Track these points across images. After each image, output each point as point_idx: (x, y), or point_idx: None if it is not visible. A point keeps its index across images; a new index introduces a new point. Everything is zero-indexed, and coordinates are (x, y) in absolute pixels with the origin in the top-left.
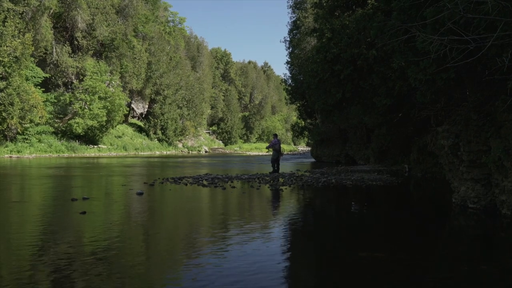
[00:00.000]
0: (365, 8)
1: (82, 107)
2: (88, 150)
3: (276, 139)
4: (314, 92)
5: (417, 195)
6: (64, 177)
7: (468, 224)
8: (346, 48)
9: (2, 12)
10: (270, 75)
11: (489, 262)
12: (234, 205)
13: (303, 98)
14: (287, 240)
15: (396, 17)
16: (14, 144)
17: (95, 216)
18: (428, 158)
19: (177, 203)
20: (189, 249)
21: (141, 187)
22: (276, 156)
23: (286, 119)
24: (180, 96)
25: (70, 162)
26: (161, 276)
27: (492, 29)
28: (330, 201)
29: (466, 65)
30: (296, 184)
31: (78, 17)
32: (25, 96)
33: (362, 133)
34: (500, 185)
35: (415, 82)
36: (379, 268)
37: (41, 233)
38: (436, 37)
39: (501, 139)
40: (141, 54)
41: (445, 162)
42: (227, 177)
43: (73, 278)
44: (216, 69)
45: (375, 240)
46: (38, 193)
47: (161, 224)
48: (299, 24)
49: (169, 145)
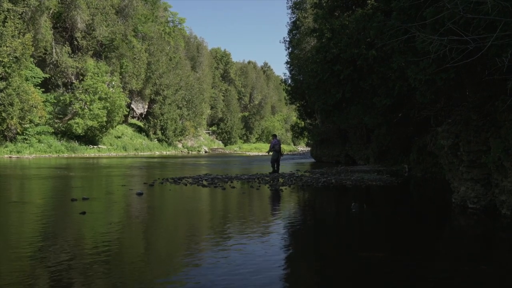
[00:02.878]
0: (365, 8)
1: (82, 107)
2: (88, 151)
3: (275, 139)
4: (314, 92)
5: (417, 195)
6: (64, 177)
7: (468, 224)
8: (346, 48)
9: (2, 13)
10: (270, 75)
11: (489, 262)
12: (234, 206)
13: (303, 98)
14: (287, 240)
15: (396, 17)
16: (14, 144)
17: (95, 216)
18: (428, 158)
19: (177, 204)
20: (188, 249)
21: (141, 187)
22: (276, 157)
23: (285, 119)
24: (180, 96)
25: (70, 162)
26: (161, 276)
27: (492, 29)
28: (330, 201)
29: (466, 65)
30: (296, 184)
31: (78, 17)
32: (25, 97)
33: (362, 133)
34: (500, 185)
35: (415, 82)
36: (379, 268)
37: (41, 233)
38: (436, 37)
39: (501, 139)
40: (141, 54)
41: (445, 162)
42: (227, 177)
43: (73, 278)
44: (216, 69)
45: (375, 240)
46: (38, 193)
47: (161, 224)
48: (299, 24)
49: (169, 146)
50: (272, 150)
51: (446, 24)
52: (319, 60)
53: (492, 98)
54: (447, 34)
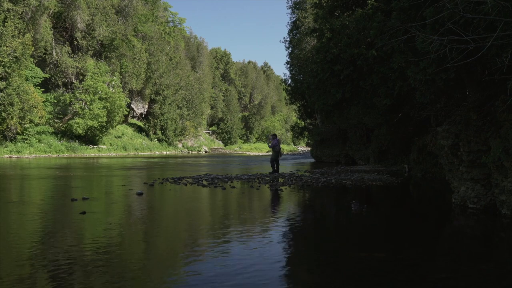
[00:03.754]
0: (365, 8)
1: (82, 107)
2: (88, 150)
3: (276, 139)
4: (314, 92)
5: (417, 195)
6: (64, 177)
7: (468, 224)
8: (346, 48)
9: (2, 12)
10: (270, 75)
11: (489, 262)
12: (234, 205)
13: (303, 98)
14: (286, 240)
15: (396, 17)
16: (14, 144)
17: (95, 216)
18: (428, 158)
19: (177, 203)
20: (188, 249)
21: (141, 187)
22: (275, 156)
23: (285, 119)
24: (180, 96)
25: (70, 162)
26: (160, 276)
27: (492, 29)
28: (329, 201)
29: (465, 65)
30: (296, 184)
31: (78, 17)
32: (25, 96)
33: (362, 133)
34: (500, 185)
35: (415, 82)
36: (379, 268)
37: (41, 233)
38: (436, 37)
39: (501, 139)
40: (141, 54)
41: (445, 162)
42: (227, 177)
43: (73, 278)
44: (216, 69)
45: (375, 240)
46: (38, 193)
47: (161, 224)
48: (299, 24)
49: (169, 145)
50: (272, 150)
51: (446, 24)
52: (319, 60)
53: (492, 98)
54: (447, 34)
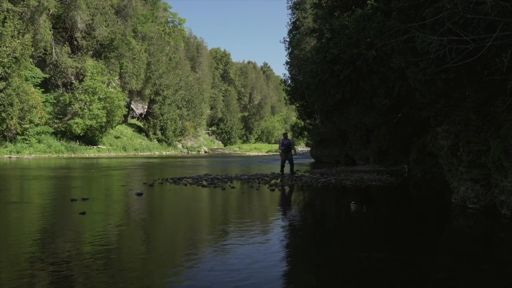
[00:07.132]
0: (365, 8)
1: (82, 108)
2: (88, 151)
3: (288, 139)
4: (314, 92)
5: (416, 195)
6: (64, 178)
7: (467, 224)
8: (345, 48)
9: (1, 13)
10: (269, 75)
11: (489, 262)
12: (233, 206)
13: (303, 98)
14: (286, 240)
15: (396, 17)
16: (14, 144)
17: (94, 217)
18: (427, 158)
19: (176, 204)
20: (188, 249)
21: (140, 188)
22: (284, 157)
23: (285, 119)
24: (180, 96)
25: (69, 162)
26: (160, 276)
27: (492, 29)
28: (329, 202)
29: (465, 66)
30: (295, 184)
31: (78, 18)
32: (25, 97)
33: (361, 133)
34: (500, 185)
35: (414, 83)
36: (379, 268)
37: (40, 234)
38: (436, 38)
39: (501, 139)
40: (141, 55)
41: (444, 163)
42: (227, 178)
43: (73, 279)
44: (215, 70)
45: (375, 240)
46: (38, 194)
47: (161, 224)
48: (299, 25)
49: (169, 146)
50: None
51: (446, 24)
52: (319, 60)
53: (492, 98)
54: (446, 34)
